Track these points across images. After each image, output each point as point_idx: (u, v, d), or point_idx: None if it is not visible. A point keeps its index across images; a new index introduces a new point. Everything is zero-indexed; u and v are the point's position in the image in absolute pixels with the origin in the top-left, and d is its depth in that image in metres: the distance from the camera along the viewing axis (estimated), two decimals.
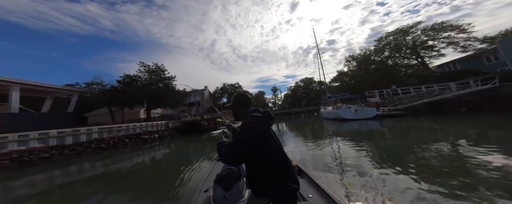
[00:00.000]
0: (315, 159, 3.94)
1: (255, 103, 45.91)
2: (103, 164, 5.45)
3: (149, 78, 15.04)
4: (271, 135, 0.88)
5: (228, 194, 1.41)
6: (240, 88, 34.54)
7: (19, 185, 3.82)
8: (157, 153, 6.89)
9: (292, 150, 4.97)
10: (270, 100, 51.44)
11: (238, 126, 1.06)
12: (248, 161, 0.88)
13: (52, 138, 6.78)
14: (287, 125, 15.78)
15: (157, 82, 15.15)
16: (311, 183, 1.74)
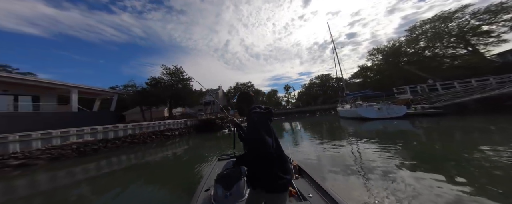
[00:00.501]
0: (329, 160, 3.73)
1: (268, 102, 45.72)
2: (135, 157, 6.46)
3: (170, 79, 16.70)
4: (271, 128, 0.96)
5: (229, 193, 1.42)
6: (252, 87, 34.94)
7: (78, 171, 4.92)
8: (177, 149, 7.73)
9: (304, 150, 4.83)
10: (283, 98, 50.22)
11: (241, 121, 1.30)
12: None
13: (99, 133, 8.35)
14: (300, 123, 15.42)
15: (177, 83, 16.74)
16: (312, 183, 1.71)
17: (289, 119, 25.17)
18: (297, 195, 1.53)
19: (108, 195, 3.02)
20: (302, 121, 18.21)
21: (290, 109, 41.24)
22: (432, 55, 19.69)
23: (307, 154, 4.31)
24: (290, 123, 17.12)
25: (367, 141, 5.09)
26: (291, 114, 36.77)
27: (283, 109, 43.19)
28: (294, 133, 10.01)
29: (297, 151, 4.69)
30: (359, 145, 4.86)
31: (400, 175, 2.52)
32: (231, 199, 1.41)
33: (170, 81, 16.59)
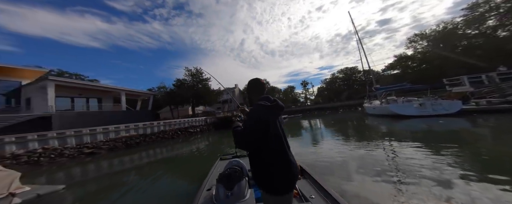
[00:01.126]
0: (348, 161, 3.43)
1: (284, 99, 44.53)
2: (166, 150, 7.64)
3: (192, 80, 18.42)
4: (274, 122, 0.88)
5: (230, 193, 1.41)
6: (267, 84, 34.50)
7: (126, 160, 6.23)
8: (199, 144, 8.66)
9: (317, 150, 4.64)
10: (301, 95, 47.85)
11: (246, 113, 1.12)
12: (251, 152, 0.90)
13: (140, 128, 10.17)
14: (319, 121, 14.67)
15: (197, 84, 18.33)
16: (314, 184, 1.69)
17: (307, 117, 23.99)
18: (299, 196, 1.52)
19: (141, 182, 3.73)
20: (323, 118, 17.27)
21: (309, 106, 39.11)
22: (508, 35, 14.94)
23: (318, 155, 4.14)
24: (309, 120, 16.31)
25: (403, 142, 4.37)
26: (309, 111, 34.85)
27: (301, 106, 41.36)
28: (311, 131, 9.61)
29: (310, 152, 4.57)
30: (391, 146, 4.20)
31: (454, 185, 2.05)
32: (232, 199, 1.40)
33: (192, 82, 18.31)
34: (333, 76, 41.40)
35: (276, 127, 0.89)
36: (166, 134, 11.14)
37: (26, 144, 6.26)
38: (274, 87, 38.87)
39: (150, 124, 10.85)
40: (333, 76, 41.40)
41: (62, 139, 7.17)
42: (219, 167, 2.38)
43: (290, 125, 14.92)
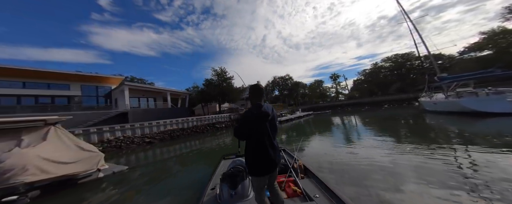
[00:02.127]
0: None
1: (310, 94, 40.96)
2: (198, 143, 9.07)
3: (218, 79, 20.11)
4: (257, 124, 1.19)
5: (234, 192, 1.44)
6: (290, 80, 32.71)
7: (171, 149, 7.95)
8: (225, 139, 9.68)
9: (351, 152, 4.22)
10: (330, 89, 42.48)
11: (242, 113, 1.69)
12: (246, 144, 1.26)
13: (179, 123, 12.54)
14: (347, 118, 13.24)
15: (222, 82, 19.85)
16: (318, 183, 1.67)
17: (338, 113, 21.46)
18: (303, 195, 1.49)
19: (175, 169, 4.65)
20: (359, 115, 15.08)
21: (341, 101, 34.43)
22: None
23: (345, 156, 3.79)
24: (340, 117, 14.70)
25: (487, 148, 3.23)
26: (341, 107, 30.78)
27: (332, 101, 37.02)
28: (340, 129, 8.79)
29: (335, 152, 4.35)
30: (466, 153, 3.18)
31: None
32: (235, 198, 1.42)
33: (218, 81, 20.05)
34: (375, 66, 33.65)
35: (259, 127, 1.21)
36: (198, 128, 13.18)
37: (114, 133, 9.22)
38: (299, 82, 36.20)
39: (186, 120, 13.11)
40: (375, 66, 33.65)
41: (133, 130, 10.01)
42: (223, 167, 2.41)
43: (313, 122, 13.95)
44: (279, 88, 32.35)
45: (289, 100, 35.71)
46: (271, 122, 1.27)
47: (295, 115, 19.48)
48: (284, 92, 32.71)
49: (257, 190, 1.27)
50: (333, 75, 40.45)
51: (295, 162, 2.11)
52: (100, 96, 17.00)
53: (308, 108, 30.21)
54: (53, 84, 14.46)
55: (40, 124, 4.19)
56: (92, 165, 4.09)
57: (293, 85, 32.51)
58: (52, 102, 14.07)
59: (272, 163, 1.22)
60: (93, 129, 8.51)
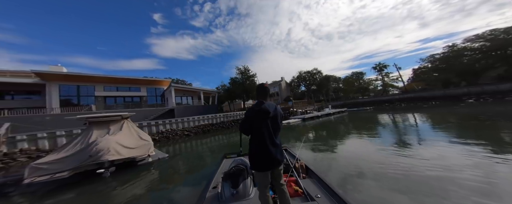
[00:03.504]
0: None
1: (346, 89, 35.15)
2: (224, 137, 9.92)
3: (241, 77, 20.87)
4: (257, 120, 1.28)
5: (235, 191, 1.44)
6: (319, 74, 28.97)
7: (203, 142, 9.18)
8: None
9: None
10: (374, 81, 34.49)
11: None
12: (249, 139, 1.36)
13: (210, 119, 14.16)
14: (399, 117, 10.63)
15: (246, 80, 20.47)
16: (320, 183, 1.66)
17: (385, 110, 17.45)
18: (305, 195, 1.48)
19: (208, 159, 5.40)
20: (421, 112, 11.55)
21: (391, 96, 27.47)
22: None
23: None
24: (391, 116, 11.86)
25: None
26: (390, 102, 24.63)
27: (377, 95, 30.32)
28: (381, 131, 6.99)
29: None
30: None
31: None
32: (237, 197, 1.42)
33: (242, 79, 20.83)
34: (452, 48, 23.92)
35: (259, 123, 1.28)
36: (224, 124, 14.40)
37: (165, 126, 11.67)
38: (329, 76, 31.52)
39: (215, 116, 14.60)
40: (452, 48, 23.92)
41: (177, 124, 12.27)
42: (224, 166, 2.43)
43: (348, 120, 11.90)
44: (306, 83, 29.53)
45: (319, 96, 32.00)
46: (273, 120, 1.31)
47: (322, 112, 17.40)
48: (311, 87, 29.60)
49: (260, 188, 1.28)
50: (378, 65, 32.14)
51: (297, 162, 2.08)
52: (158, 95, 21.93)
53: (341, 104, 25.98)
54: (132, 88, 20.02)
55: (119, 118, 5.81)
56: (145, 151, 5.34)
57: (322, 80, 28.74)
58: (131, 101, 19.56)
59: (272, 159, 1.24)
60: (153, 122, 11.14)
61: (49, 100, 14.49)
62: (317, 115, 15.75)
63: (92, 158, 4.12)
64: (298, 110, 17.49)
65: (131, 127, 5.99)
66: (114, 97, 18.89)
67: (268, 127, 1.27)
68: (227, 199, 1.44)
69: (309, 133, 8.24)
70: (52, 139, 8.10)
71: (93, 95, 17.35)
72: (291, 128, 11.15)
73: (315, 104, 23.11)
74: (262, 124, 1.27)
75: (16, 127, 8.18)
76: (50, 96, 14.59)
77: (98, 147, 4.27)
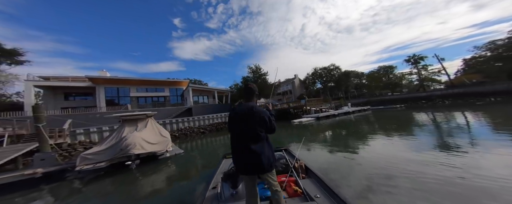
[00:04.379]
0: None
1: (371, 85, 31.24)
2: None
3: (253, 76, 20.84)
4: (236, 120, 1.27)
5: (235, 192, 1.46)
6: (337, 70, 26.32)
7: (213, 139, 9.71)
8: None
9: None
10: (408, 76, 29.51)
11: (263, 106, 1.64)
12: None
13: (223, 117, 14.75)
14: (440, 116, 8.64)
15: (257, 79, 20.36)
16: (319, 183, 1.65)
17: (421, 108, 14.96)
18: (304, 195, 1.47)
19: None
20: (472, 110, 9.60)
21: (430, 92, 23.22)
22: None
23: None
24: (430, 114, 10.08)
25: None
26: (429, 99, 20.86)
27: (412, 92, 26.15)
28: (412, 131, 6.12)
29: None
30: None
31: None
32: (236, 197, 1.44)
33: (253, 78, 20.82)
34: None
35: (233, 125, 1.27)
36: None
37: (185, 123, 12.77)
38: (349, 72, 28.29)
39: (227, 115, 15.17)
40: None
41: (193, 122, 13.27)
42: (224, 166, 2.44)
43: (373, 119, 10.70)
44: (322, 80, 27.37)
45: (337, 93, 29.33)
46: (246, 122, 1.23)
47: (340, 110, 15.96)
48: (328, 84, 27.30)
49: (245, 189, 1.26)
50: (412, 57, 27.02)
51: (297, 162, 2.07)
52: (178, 95, 24.09)
53: (364, 102, 23.18)
54: (158, 89, 22.55)
55: (144, 116, 6.61)
56: (164, 146, 5.94)
57: (341, 76, 26.11)
58: (157, 100, 22.09)
59: (245, 164, 1.19)
60: (174, 120, 12.33)
61: (98, 100, 17.70)
62: (333, 114, 14.49)
63: (122, 152, 4.83)
64: (311, 108, 16.43)
65: (154, 124, 6.73)
66: (144, 97, 21.68)
67: (243, 130, 1.22)
68: (226, 199, 1.44)
69: (322, 133, 7.62)
70: (100, 133, 9.88)
71: (128, 96, 20.31)
72: (302, 127, 10.61)
73: (332, 102, 21.31)
74: (235, 126, 1.25)
75: (75, 123, 10.31)
76: (99, 97, 17.79)
77: (127, 142, 4.97)
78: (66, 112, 13.29)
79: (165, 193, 3.13)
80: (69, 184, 4.01)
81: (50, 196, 3.43)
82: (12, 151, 5.39)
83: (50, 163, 4.68)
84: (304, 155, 3.93)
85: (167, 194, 3.03)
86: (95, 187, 3.75)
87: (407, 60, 27.65)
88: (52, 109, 15.02)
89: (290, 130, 10.00)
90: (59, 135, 7.78)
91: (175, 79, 23.80)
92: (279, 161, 2.12)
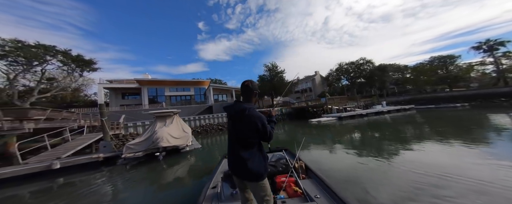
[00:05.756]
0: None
1: (418, 80, 25.12)
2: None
3: (269, 74, 20.30)
4: (230, 120, 1.20)
5: (235, 191, 1.44)
6: (369, 64, 22.09)
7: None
8: (278, 131, 10.07)
9: None
10: (479, 66, 22.08)
11: (263, 110, 1.56)
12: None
13: None
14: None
15: (274, 77, 19.72)
16: (319, 183, 1.64)
17: (494, 108, 11.42)
18: (304, 195, 1.46)
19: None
20: None
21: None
22: None
23: None
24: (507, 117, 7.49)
25: None
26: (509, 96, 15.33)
27: (485, 86, 19.85)
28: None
29: None
30: None
31: None
32: (236, 197, 1.42)
33: (269, 76, 20.30)
34: None
35: (231, 125, 1.18)
36: None
37: (206, 120, 14.01)
38: (385, 66, 23.32)
39: None
40: None
41: (213, 119, 14.35)
42: (224, 166, 2.44)
43: (423, 120, 8.65)
44: (349, 76, 23.79)
45: (370, 90, 24.96)
46: (239, 127, 1.12)
47: (371, 109, 13.67)
48: (356, 80, 23.51)
49: (238, 190, 1.23)
50: (485, 42, 19.38)
51: (297, 162, 2.05)
52: (201, 94, 26.52)
53: (407, 100, 18.88)
54: (185, 88, 25.53)
55: (171, 114, 7.60)
56: (186, 141, 6.69)
57: (374, 71, 21.88)
58: (185, 99, 25.07)
59: (233, 168, 1.14)
60: (197, 117, 13.72)
61: (143, 99, 21.71)
62: (360, 114, 12.49)
63: (153, 144, 5.74)
64: (333, 107, 14.67)
65: (178, 121, 7.65)
66: (175, 96, 25.01)
67: (231, 132, 1.16)
68: (226, 199, 1.43)
69: (341, 134, 6.65)
70: (143, 127, 12.14)
71: (163, 95, 23.92)
72: (320, 127, 9.75)
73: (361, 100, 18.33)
74: (229, 127, 1.20)
75: (127, 118, 13.05)
76: (143, 96, 21.77)
77: (156, 136, 5.87)
78: (122, 109, 16.93)
79: (182, 182, 3.56)
80: (119, 168, 5.15)
81: (107, 176, 4.52)
82: (88, 139, 7.36)
83: (109, 150, 6.12)
84: (311, 156, 3.83)
85: (184, 184, 3.44)
86: (134, 172, 4.66)
87: (476, 47, 20.35)
88: (114, 106, 19.52)
89: (304, 129, 9.42)
90: (116, 127, 10.04)
91: (198, 79, 26.28)
92: (279, 161, 2.10)
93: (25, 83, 14.07)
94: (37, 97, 13.03)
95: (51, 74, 15.25)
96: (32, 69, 12.95)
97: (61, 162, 4.82)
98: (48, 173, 4.53)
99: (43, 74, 13.70)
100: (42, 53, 12.47)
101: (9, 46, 11.32)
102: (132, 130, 11.75)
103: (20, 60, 11.95)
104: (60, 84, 15.56)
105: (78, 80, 17.53)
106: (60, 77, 15.60)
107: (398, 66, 26.75)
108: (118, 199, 3.01)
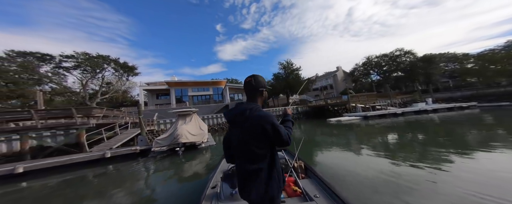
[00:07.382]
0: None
1: (487, 71, 19.08)
2: None
3: (284, 72, 19.41)
4: (231, 128, 0.94)
5: (235, 191, 1.42)
6: (408, 55, 17.85)
7: None
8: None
9: None
10: None
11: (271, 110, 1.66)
12: None
13: None
14: None
15: (289, 75, 18.76)
16: (318, 183, 1.64)
17: None
18: (303, 195, 1.46)
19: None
20: None
21: None
22: None
23: None
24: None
25: None
26: None
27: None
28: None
29: None
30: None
31: None
32: (236, 197, 1.41)
33: (284, 74, 19.45)
34: None
35: (232, 134, 0.91)
36: None
37: (222, 119, 14.80)
38: (433, 56, 18.34)
39: None
40: None
41: None
42: (224, 165, 2.43)
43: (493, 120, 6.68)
44: (381, 70, 20.05)
45: (412, 86, 20.48)
46: (240, 133, 0.84)
47: (409, 108, 11.47)
48: (391, 74, 19.60)
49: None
50: None
51: (296, 162, 2.04)
52: (219, 93, 28.09)
53: (467, 96, 14.68)
54: (205, 88, 27.63)
55: (190, 112, 8.36)
56: (202, 138, 7.25)
57: (415, 62, 17.61)
58: (204, 98, 27.17)
59: (245, 191, 0.81)
60: (215, 115, 14.71)
61: (171, 98, 24.82)
62: (393, 113, 10.48)
63: (175, 140, 6.48)
64: (358, 105, 12.80)
65: (196, 119, 8.34)
66: (197, 96, 27.44)
67: (237, 144, 0.86)
68: (226, 199, 1.43)
69: (363, 137, 5.62)
70: (170, 124, 13.92)
71: (187, 95, 26.61)
72: (339, 127, 8.87)
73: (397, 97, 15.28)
74: (233, 136, 0.90)
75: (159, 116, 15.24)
76: (172, 96, 24.87)
77: (177, 132, 6.59)
78: (156, 107, 19.85)
79: (195, 176, 3.91)
80: (150, 159, 6.09)
81: (140, 165, 5.45)
82: (131, 133, 8.99)
83: (144, 143, 7.30)
84: (310, 157, 3.75)
85: (196, 178, 3.78)
86: (160, 163, 5.43)
87: None
88: (151, 105, 23.10)
89: (322, 129, 8.73)
90: (151, 124, 11.88)
91: (216, 79, 27.98)
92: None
93: (93, 87, 18.35)
94: (100, 98, 16.83)
95: (108, 79, 19.25)
96: (96, 76, 16.68)
97: (111, 152, 6.09)
98: (102, 160, 5.82)
99: (103, 79, 17.48)
100: (101, 62, 15.85)
101: (81, 58, 14.91)
102: (163, 126, 13.64)
103: (88, 69, 15.56)
104: (115, 87, 19.58)
105: (126, 83, 21.55)
106: (114, 81, 19.61)
107: (454, 54, 20.51)
108: (139, 188, 3.54)
